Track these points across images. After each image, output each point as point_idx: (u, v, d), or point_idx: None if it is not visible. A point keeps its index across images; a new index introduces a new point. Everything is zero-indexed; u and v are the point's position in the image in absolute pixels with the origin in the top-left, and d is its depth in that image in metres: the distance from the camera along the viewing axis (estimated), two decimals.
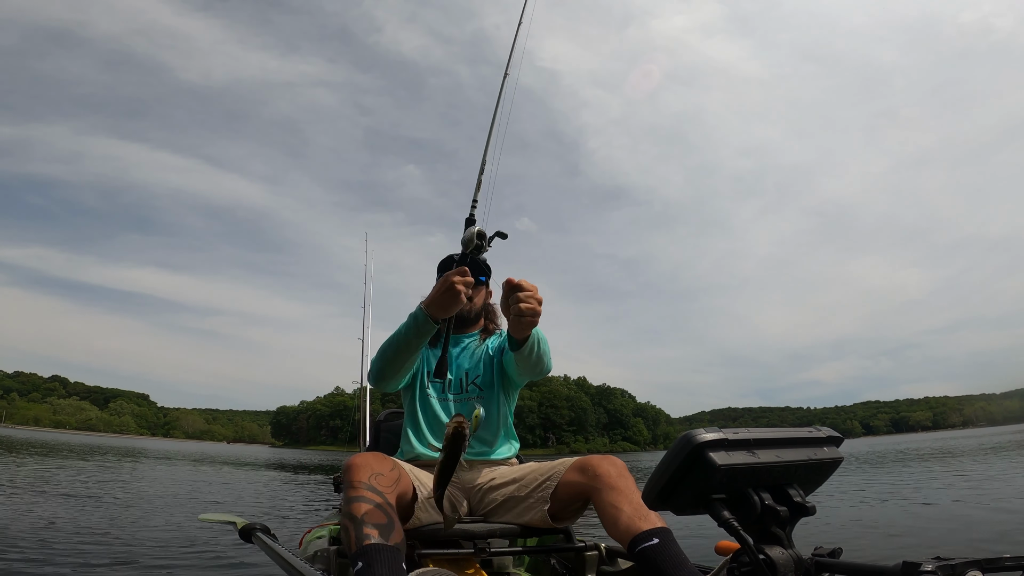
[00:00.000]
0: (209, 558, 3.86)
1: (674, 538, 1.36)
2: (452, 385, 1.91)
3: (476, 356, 1.93)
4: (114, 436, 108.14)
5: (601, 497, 1.48)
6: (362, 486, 1.38)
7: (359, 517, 1.31)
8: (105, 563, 3.55)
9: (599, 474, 1.52)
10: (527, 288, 1.44)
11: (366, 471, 1.42)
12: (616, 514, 1.42)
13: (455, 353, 1.93)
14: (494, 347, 1.95)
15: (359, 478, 1.40)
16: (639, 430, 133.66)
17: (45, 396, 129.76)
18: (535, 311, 1.45)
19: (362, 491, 1.37)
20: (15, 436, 42.27)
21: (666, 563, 1.29)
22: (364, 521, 1.30)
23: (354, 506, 1.34)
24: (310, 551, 1.88)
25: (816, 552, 0.99)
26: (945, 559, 0.85)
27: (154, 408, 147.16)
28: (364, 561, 1.23)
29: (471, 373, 1.91)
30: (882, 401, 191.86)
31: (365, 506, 1.33)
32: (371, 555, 1.23)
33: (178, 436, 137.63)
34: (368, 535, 1.27)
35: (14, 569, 3.23)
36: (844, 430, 51.18)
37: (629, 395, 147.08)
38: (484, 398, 1.88)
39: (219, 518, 2.40)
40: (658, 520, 1.39)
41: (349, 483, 1.40)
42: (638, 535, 1.35)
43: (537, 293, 1.47)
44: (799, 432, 1.06)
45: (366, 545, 1.25)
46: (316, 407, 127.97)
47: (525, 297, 1.43)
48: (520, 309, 1.42)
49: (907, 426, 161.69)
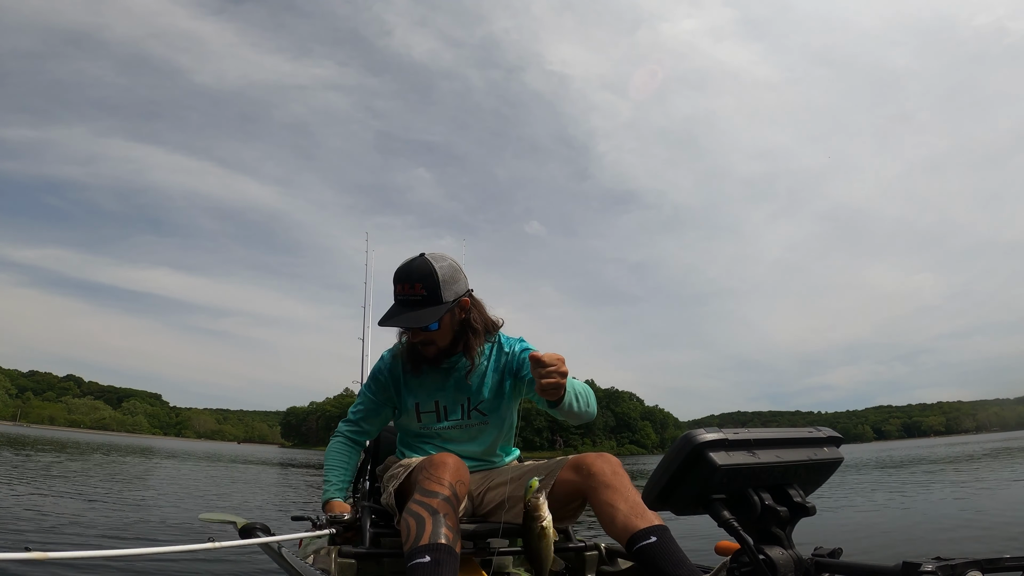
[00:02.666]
0: (209, 558, 3.87)
1: (672, 536, 1.36)
2: (450, 411, 1.82)
3: (476, 378, 1.82)
4: (127, 435, 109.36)
5: (597, 496, 1.48)
6: (447, 486, 1.40)
7: (440, 514, 1.33)
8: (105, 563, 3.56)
9: (593, 472, 1.52)
10: (549, 363, 1.39)
11: (454, 473, 1.44)
12: (613, 512, 1.42)
13: (444, 380, 1.82)
14: (499, 366, 1.84)
15: (447, 477, 1.42)
16: (647, 434, 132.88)
17: (60, 395, 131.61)
18: (558, 385, 1.40)
19: (447, 490, 1.39)
20: (29, 435, 42.89)
21: (665, 561, 1.29)
22: (443, 520, 1.32)
23: (436, 501, 1.35)
24: (310, 551, 1.89)
25: (816, 552, 0.99)
26: (945, 559, 0.85)
27: (166, 408, 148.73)
28: (434, 558, 1.24)
29: (473, 399, 1.81)
30: (894, 406, 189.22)
31: (446, 506, 1.35)
32: (442, 553, 1.25)
33: (190, 436, 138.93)
34: (443, 535, 1.29)
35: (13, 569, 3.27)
36: (855, 434, 51.07)
37: (637, 399, 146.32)
38: (488, 422, 1.83)
39: (219, 518, 2.41)
40: (655, 518, 1.39)
41: (435, 478, 1.41)
42: (636, 533, 1.35)
43: (562, 365, 1.41)
44: (799, 432, 1.06)
45: (440, 544, 1.27)
46: (325, 408, 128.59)
47: (547, 372, 1.38)
48: (543, 385, 1.38)
49: (919, 431, 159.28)
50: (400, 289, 1.68)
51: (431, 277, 1.66)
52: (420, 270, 1.67)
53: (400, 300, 1.68)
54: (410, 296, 1.66)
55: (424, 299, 1.65)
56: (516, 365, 1.82)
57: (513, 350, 1.84)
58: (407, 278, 1.67)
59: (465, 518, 1.71)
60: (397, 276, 1.69)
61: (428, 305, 1.66)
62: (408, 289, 1.66)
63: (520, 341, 1.88)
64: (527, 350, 1.83)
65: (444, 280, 1.67)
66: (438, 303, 1.66)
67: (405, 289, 1.67)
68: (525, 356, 1.79)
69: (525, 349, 1.84)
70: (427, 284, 1.65)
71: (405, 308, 1.67)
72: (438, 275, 1.66)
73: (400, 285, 1.68)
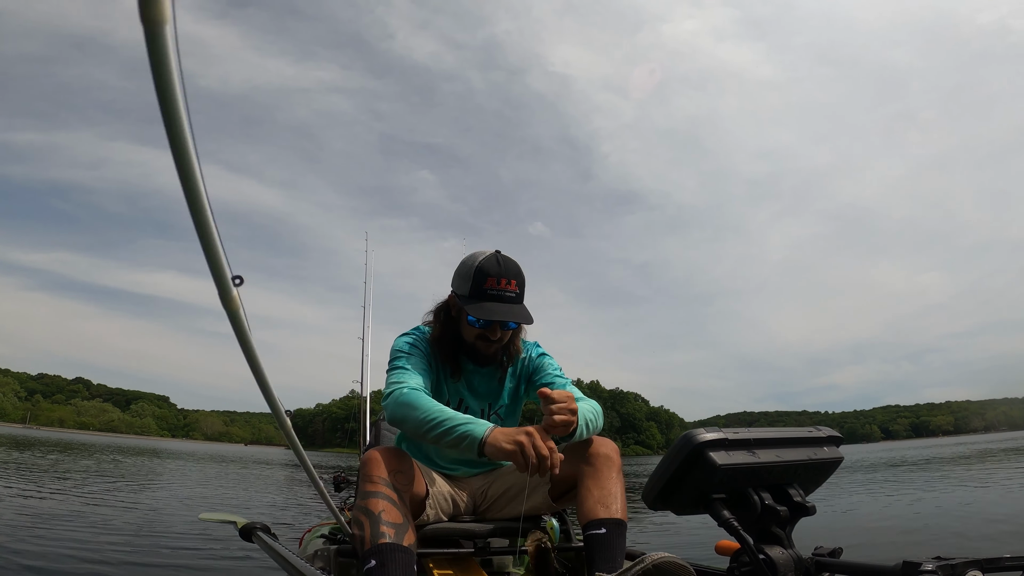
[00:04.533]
0: (209, 557, 3.91)
1: (623, 532, 1.40)
2: (472, 414, 1.71)
3: (498, 383, 1.81)
4: (136, 437, 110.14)
5: (580, 480, 1.50)
6: (381, 482, 1.36)
7: (376, 514, 1.29)
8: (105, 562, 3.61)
9: (588, 454, 1.53)
10: (558, 400, 1.37)
11: (386, 467, 1.39)
12: (585, 496, 1.44)
13: (475, 381, 1.80)
14: (516, 372, 1.84)
15: (379, 474, 1.38)
16: (652, 434, 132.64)
17: (69, 398, 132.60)
18: (568, 422, 1.38)
19: (381, 487, 1.35)
20: (41, 437, 43.29)
21: (601, 553, 1.33)
22: (381, 519, 1.28)
23: (371, 502, 1.32)
24: (310, 550, 1.89)
25: (816, 552, 0.99)
26: (945, 559, 0.85)
27: (174, 410, 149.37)
28: (378, 560, 1.23)
29: (494, 404, 1.80)
30: (902, 405, 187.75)
31: (383, 503, 1.32)
32: (386, 554, 1.23)
33: (197, 438, 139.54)
34: (384, 533, 1.26)
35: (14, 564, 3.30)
36: (863, 434, 50.42)
37: (643, 399, 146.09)
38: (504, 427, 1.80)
39: (219, 517, 2.41)
40: (618, 512, 1.41)
41: (368, 478, 1.38)
42: (591, 521, 1.39)
43: (572, 402, 1.40)
44: (799, 432, 1.06)
45: (381, 544, 1.24)
46: (332, 409, 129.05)
47: (558, 409, 1.36)
48: (553, 422, 1.36)
49: (928, 431, 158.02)
50: (494, 283, 1.61)
51: (521, 276, 1.65)
52: (514, 268, 1.64)
53: (494, 295, 1.61)
54: (505, 292, 1.61)
55: (517, 296, 1.64)
56: (531, 369, 1.82)
57: (529, 355, 1.84)
58: (505, 273, 1.62)
59: (468, 517, 1.71)
60: (489, 270, 1.61)
61: (520, 302, 1.65)
62: (505, 284, 1.61)
63: (535, 346, 1.88)
64: (543, 355, 1.84)
65: (526, 281, 1.67)
66: (523, 301, 1.67)
67: (502, 283, 1.61)
68: (541, 361, 1.81)
69: (542, 355, 1.84)
70: (520, 281, 1.64)
71: (500, 303, 1.61)
72: (523, 275, 1.67)
73: (494, 279, 1.61)
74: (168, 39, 0.48)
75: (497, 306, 1.60)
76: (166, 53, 0.49)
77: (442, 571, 1.49)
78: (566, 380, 1.79)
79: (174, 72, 0.51)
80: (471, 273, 1.62)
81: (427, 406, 1.44)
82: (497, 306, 1.60)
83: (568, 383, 1.78)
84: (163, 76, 0.50)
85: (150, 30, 0.47)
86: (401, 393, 1.50)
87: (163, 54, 0.49)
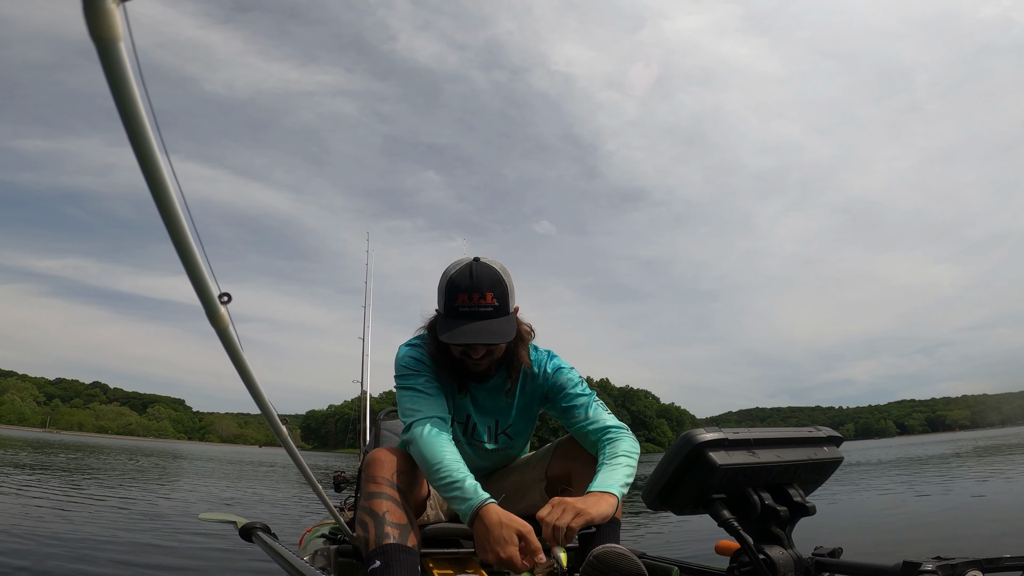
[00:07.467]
0: (210, 557, 3.92)
1: (616, 531, 1.43)
2: (477, 431, 1.67)
3: (506, 398, 1.65)
4: (154, 440, 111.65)
5: (576, 479, 1.51)
6: (385, 483, 1.35)
7: (380, 514, 1.29)
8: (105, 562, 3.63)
9: (583, 452, 1.55)
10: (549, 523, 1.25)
11: (389, 467, 1.38)
12: (578, 495, 1.42)
13: (480, 397, 1.66)
14: (529, 390, 1.67)
15: (382, 474, 1.37)
16: (663, 431, 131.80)
17: (87, 402, 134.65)
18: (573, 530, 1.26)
19: (384, 488, 1.34)
20: (62, 440, 44.05)
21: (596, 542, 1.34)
22: (385, 519, 1.28)
23: (376, 502, 1.32)
24: (310, 550, 1.91)
25: (816, 552, 0.99)
26: (945, 559, 0.84)
27: (190, 413, 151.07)
28: (383, 560, 1.24)
29: (502, 422, 1.67)
30: (918, 400, 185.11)
31: (387, 504, 1.32)
32: (390, 555, 1.24)
33: (213, 440, 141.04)
34: (388, 534, 1.27)
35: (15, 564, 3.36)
36: (879, 429, 49.79)
37: (653, 396, 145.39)
38: (513, 447, 1.72)
39: (219, 517, 2.43)
40: None
41: (371, 478, 1.37)
42: None
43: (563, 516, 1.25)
44: (799, 432, 1.06)
45: (386, 544, 1.25)
46: (344, 411, 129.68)
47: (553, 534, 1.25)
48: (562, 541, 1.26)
49: (944, 425, 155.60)
50: (466, 299, 1.43)
51: (502, 285, 1.46)
52: (489, 277, 1.45)
53: (466, 312, 1.43)
54: (480, 307, 1.43)
55: (496, 310, 1.44)
56: (547, 388, 1.64)
57: (544, 368, 1.65)
58: (478, 286, 1.43)
59: None
60: (460, 285, 1.44)
61: (500, 316, 1.45)
62: (478, 299, 1.43)
63: (550, 356, 1.68)
64: (560, 369, 1.64)
65: (511, 288, 1.49)
66: (507, 313, 1.47)
67: (474, 299, 1.43)
68: (559, 378, 1.63)
69: (559, 369, 1.65)
70: (498, 293, 1.45)
71: (473, 320, 1.43)
72: (507, 283, 1.48)
73: (465, 295, 1.43)
74: (123, 56, 0.46)
75: (469, 327, 1.43)
76: (123, 71, 0.46)
77: (442, 571, 1.50)
78: (590, 395, 1.61)
79: (135, 90, 0.48)
80: (444, 288, 1.48)
81: (432, 457, 1.36)
82: (469, 327, 1.43)
83: (592, 397, 1.61)
84: (122, 95, 0.48)
85: (102, 47, 0.45)
86: (418, 434, 1.41)
87: (119, 72, 0.46)
